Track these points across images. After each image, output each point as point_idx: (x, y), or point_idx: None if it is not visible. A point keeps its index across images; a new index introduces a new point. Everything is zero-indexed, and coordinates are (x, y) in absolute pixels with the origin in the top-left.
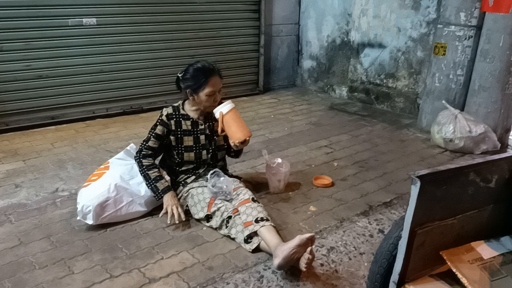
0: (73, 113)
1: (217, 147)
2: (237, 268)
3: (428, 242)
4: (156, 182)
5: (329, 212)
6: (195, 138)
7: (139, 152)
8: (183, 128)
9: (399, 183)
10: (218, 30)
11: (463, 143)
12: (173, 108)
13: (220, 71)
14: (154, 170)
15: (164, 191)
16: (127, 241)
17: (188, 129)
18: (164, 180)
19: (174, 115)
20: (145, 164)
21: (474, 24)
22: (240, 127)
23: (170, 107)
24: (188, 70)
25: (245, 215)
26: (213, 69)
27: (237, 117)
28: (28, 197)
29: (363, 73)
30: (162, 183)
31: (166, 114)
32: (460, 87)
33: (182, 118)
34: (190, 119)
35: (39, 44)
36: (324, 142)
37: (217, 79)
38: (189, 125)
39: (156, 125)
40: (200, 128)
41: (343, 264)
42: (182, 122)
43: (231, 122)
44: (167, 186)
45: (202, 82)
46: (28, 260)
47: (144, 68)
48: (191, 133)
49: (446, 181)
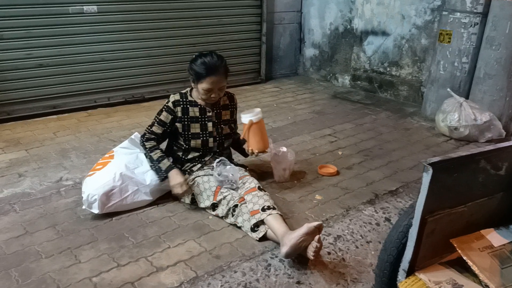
0: (74, 102)
1: (224, 135)
2: (244, 257)
3: (438, 230)
4: (159, 162)
5: (335, 201)
6: (202, 125)
7: (143, 136)
8: (190, 115)
9: (405, 172)
10: (220, 18)
11: (468, 131)
12: (181, 94)
13: (226, 69)
14: (156, 151)
15: (167, 170)
16: (134, 230)
17: (196, 116)
18: (167, 160)
19: (181, 102)
20: (147, 146)
21: (480, 10)
22: (263, 138)
23: (177, 93)
24: (197, 59)
25: (252, 203)
26: (216, 67)
27: (263, 128)
28: (32, 186)
29: (366, 61)
30: (164, 163)
31: (173, 101)
32: (465, 75)
33: (190, 104)
34: (198, 106)
35: (40, 32)
36: (328, 131)
37: (218, 78)
38: (196, 111)
39: (161, 110)
40: (208, 115)
41: (350, 253)
42: (189, 109)
43: (257, 132)
44: (169, 165)
45: (201, 77)
46: (34, 249)
47: (146, 57)
48: (198, 120)
49: (457, 169)
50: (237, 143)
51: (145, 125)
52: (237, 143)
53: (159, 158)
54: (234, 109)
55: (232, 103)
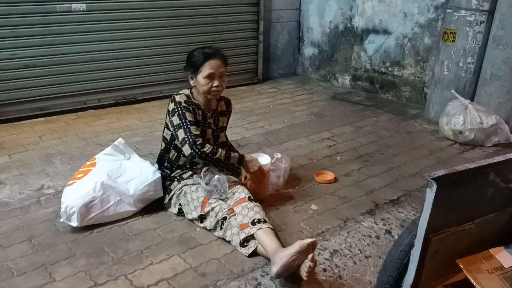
0: (63, 104)
1: (220, 143)
2: (233, 275)
3: (443, 250)
4: (228, 160)
5: (332, 211)
6: (202, 131)
7: (193, 144)
8: (197, 118)
9: (407, 179)
10: (216, 16)
11: (474, 135)
12: (186, 96)
13: (224, 57)
14: (218, 152)
15: (240, 162)
16: (115, 244)
17: (199, 120)
18: (231, 152)
19: (189, 103)
20: (208, 152)
21: (486, 8)
22: (264, 188)
23: (182, 95)
24: (192, 52)
25: (241, 216)
26: (214, 51)
27: (268, 177)
28: (11, 195)
29: (367, 60)
30: (233, 157)
31: (184, 100)
32: (470, 76)
33: (196, 107)
34: (201, 109)
35: (26, 31)
36: (327, 134)
37: (217, 61)
38: (200, 115)
39: (182, 113)
40: (208, 121)
41: (347, 269)
42: (196, 111)
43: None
44: (237, 156)
45: (200, 63)
46: (6, 266)
47: (138, 57)
48: (200, 124)
49: (464, 183)
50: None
51: (135, 128)
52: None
53: (226, 156)
54: (230, 115)
55: (228, 109)
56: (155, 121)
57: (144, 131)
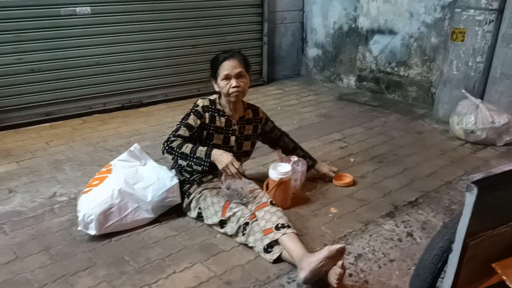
0: (68, 109)
1: (243, 152)
2: (259, 282)
3: (479, 254)
4: (194, 154)
5: (351, 214)
6: (225, 138)
7: (166, 141)
8: (216, 124)
9: (423, 180)
10: (220, 18)
11: (485, 134)
12: (210, 101)
13: (243, 57)
14: (185, 145)
15: (207, 155)
16: (135, 253)
17: (221, 127)
18: (200, 147)
19: (210, 109)
20: (173, 146)
21: (495, 7)
22: (286, 198)
23: (207, 99)
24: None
25: (264, 221)
26: (230, 53)
27: (290, 187)
28: (23, 203)
29: (372, 61)
30: (200, 150)
31: (202, 105)
32: (479, 75)
33: (218, 113)
34: (225, 116)
35: (31, 35)
36: (337, 136)
37: (233, 62)
38: (223, 122)
39: (188, 114)
40: (233, 128)
41: (373, 274)
42: (216, 118)
43: (284, 191)
44: (206, 149)
45: (218, 65)
46: (26, 278)
47: (143, 60)
48: (223, 131)
49: (500, 185)
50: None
51: (143, 132)
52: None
53: (192, 150)
54: (259, 123)
55: (256, 117)
56: (163, 125)
57: (153, 135)
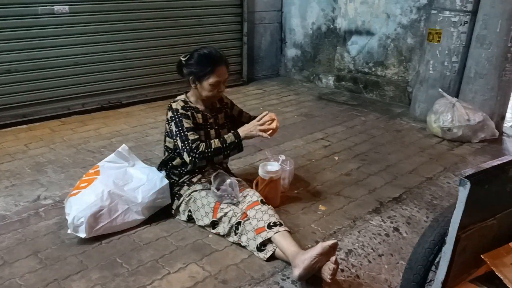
0: (46, 110)
1: None
2: (254, 280)
3: (469, 246)
4: (226, 142)
5: (340, 211)
6: (206, 133)
7: (191, 151)
8: (196, 121)
9: (405, 176)
10: (200, 18)
11: (462, 132)
12: (183, 101)
13: (227, 59)
14: (210, 143)
15: (237, 135)
16: (127, 255)
17: (200, 123)
18: (226, 136)
19: (187, 108)
20: (203, 149)
21: (469, 9)
22: (276, 196)
23: (179, 101)
24: (193, 55)
25: (256, 220)
26: (220, 57)
27: (279, 185)
28: (7, 207)
29: (350, 61)
30: (228, 138)
31: (181, 107)
32: (455, 75)
33: (194, 111)
34: (200, 112)
35: (6, 35)
36: (320, 135)
37: (223, 68)
38: (200, 118)
39: (180, 121)
40: (209, 122)
41: (363, 268)
42: (195, 115)
43: (274, 189)
44: (231, 134)
45: (208, 71)
46: (16, 283)
47: (122, 59)
48: (202, 127)
49: (489, 180)
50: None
51: (125, 133)
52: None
53: (221, 141)
54: (227, 109)
55: (222, 103)
56: (145, 125)
57: (135, 136)
